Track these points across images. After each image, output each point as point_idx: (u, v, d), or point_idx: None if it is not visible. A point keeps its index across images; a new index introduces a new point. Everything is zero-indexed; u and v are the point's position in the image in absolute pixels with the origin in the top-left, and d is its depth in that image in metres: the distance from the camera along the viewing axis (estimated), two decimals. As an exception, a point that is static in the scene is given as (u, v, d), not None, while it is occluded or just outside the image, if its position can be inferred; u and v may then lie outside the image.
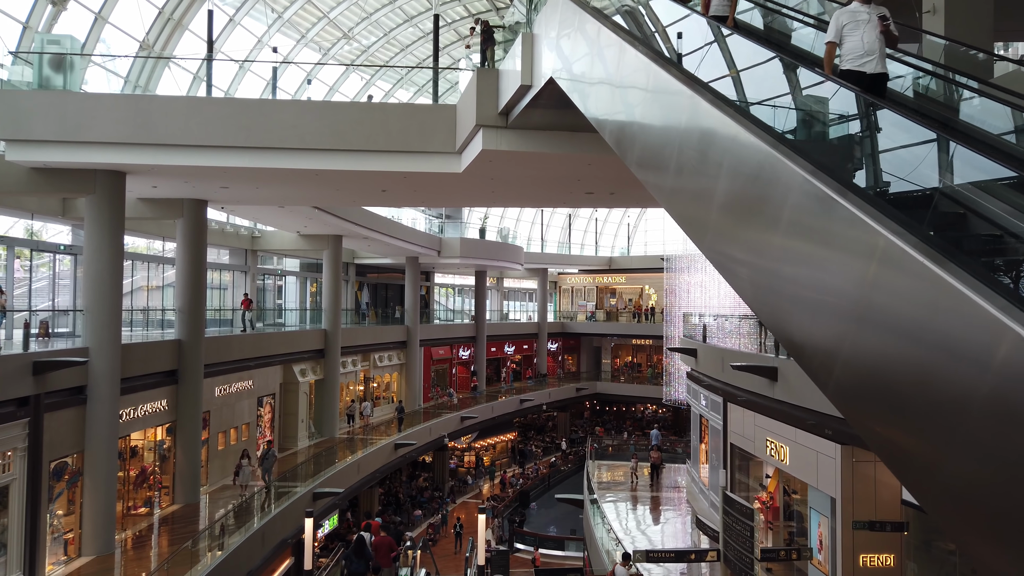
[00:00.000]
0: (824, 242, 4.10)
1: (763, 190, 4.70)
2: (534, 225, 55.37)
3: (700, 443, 22.47)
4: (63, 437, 15.68)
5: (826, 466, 13.37)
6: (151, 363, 19.42)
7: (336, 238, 30.90)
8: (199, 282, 21.09)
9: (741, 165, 4.98)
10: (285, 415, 28.50)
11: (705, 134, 5.50)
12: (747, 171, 4.91)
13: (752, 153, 4.76)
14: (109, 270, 16.79)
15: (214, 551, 16.53)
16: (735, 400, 18.25)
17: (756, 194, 4.85)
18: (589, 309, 56.56)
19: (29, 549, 14.44)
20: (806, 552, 10.05)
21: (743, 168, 4.96)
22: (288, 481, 22.66)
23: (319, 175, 16.97)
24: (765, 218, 4.76)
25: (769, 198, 4.64)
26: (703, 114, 5.46)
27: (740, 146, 4.92)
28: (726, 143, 5.14)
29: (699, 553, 10.16)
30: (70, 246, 21.50)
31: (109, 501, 16.64)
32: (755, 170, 4.78)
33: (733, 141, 5.01)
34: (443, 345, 43.96)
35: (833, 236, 3.97)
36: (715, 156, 5.38)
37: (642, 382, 52.37)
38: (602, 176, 16.84)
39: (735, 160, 5.05)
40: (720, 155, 5.28)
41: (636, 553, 9.96)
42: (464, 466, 42.92)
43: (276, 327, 32.39)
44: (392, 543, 16.19)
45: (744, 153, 4.89)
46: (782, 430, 15.31)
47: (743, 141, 4.86)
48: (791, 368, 14.91)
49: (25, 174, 16.29)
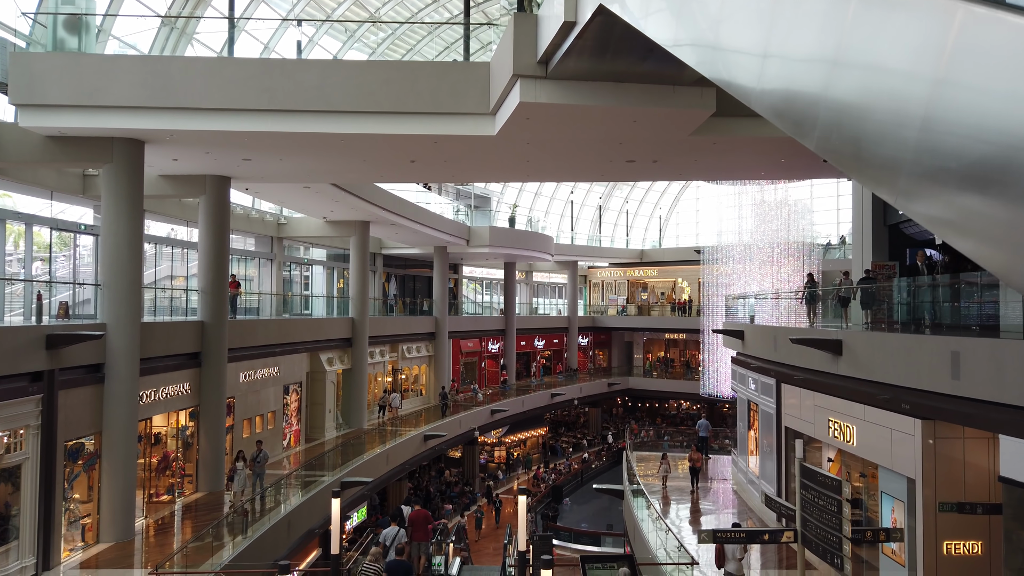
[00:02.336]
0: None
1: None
2: (564, 218, 54.25)
3: (748, 431, 21.20)
4: (79, 417, 14.92)
5: (903, 444, 12.10)
6: (173, 344, 18.66)
7: (363, 224, 30.08)
8: (222, 262, 20.31)
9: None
10: (312, 405, 27.71)
11: None
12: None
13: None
14: (127, 243, 16.02)
15: (236, 539, 15.66)
16: (790, 380, 16.99)
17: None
18: (620, 303, 55.27)
19: (43, 533, 13.66)
20: (896, 533, 8.88)
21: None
22: (315, 470, 21.82)
23: (345, 142, 16.06)
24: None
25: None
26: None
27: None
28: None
29: (773, 533, 9.04)
30: (91, 226, 20.85)
31: (128, 485, 15.85)
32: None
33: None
34: (472, 338, 43.01)
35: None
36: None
37: (676, 377, 51.01)
38: (645, 138, 15.73)
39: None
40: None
41: (702, 532, 8.84)
42: (494, 461, 41.89)
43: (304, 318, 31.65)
44: (429, 516, 15.70)
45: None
46: (848, 408, 14.06)
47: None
48: (858, 340, 13.68)
49: (40, 143, 15.59)
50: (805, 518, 8.66)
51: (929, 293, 12.43)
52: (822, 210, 49.47)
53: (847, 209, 47.48)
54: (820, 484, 8.36)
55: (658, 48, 11.97)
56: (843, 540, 7.92)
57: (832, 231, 49.07)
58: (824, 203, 49.78)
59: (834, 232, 48.78)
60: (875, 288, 14.58)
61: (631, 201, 58.70)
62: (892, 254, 20.18)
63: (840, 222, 49.36)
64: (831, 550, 8.13)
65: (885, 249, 20.46)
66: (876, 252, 20.35)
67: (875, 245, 20.53)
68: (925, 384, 11.30)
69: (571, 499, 37.45)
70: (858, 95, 4.86)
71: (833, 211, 50.19)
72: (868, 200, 20.70)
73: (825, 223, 49.40)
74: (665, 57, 12.34)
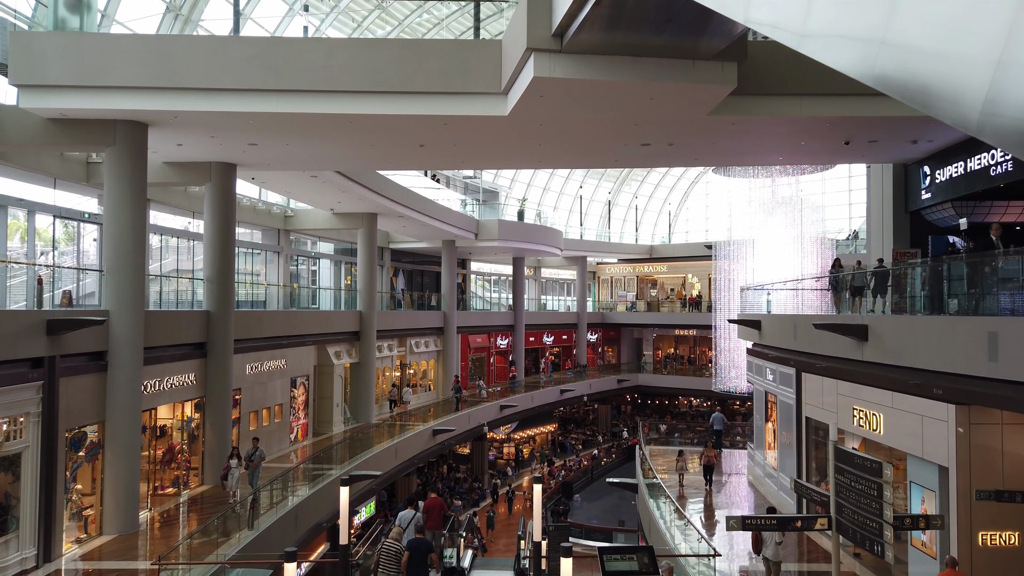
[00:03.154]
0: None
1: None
2: (572, 213, 53.77)
3: (766, 423, 20.69)
4: (81, 405, 14.54)
5: (935, 431, 11.61)
6: (177, 333, 18.28)
7: (371, 216, 29.68)
8: (228, 251, 19.92)
9: None
10: (320, 398, 27.31)
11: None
12: None
13: None
14: (131, 229, 15.64)
15: (242, 531, 15.26)
16: (811, 369, 16.50)
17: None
18: (629, 299, 54.72)
19: (44, 524, 13.29)
20: (936, 520, 8.39)
21: None
22: (323, 463, 21.42)
23: (352, 123, 15.64)
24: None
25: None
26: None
27: None
28: None
29: (806, 519, 8.56)
30: (96, 215, 20.49)
31: (132, 477, 15.47)
32: None
33: None
34: (480, 333, 42.59)
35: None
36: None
37: (686, 373, 50.46)
38: (662, 118, 15.26)
39: None
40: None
41: (731, 520, 8.37)
42: (503, 457, 41.45)
43: (311, 310, 31.27)
44: (443, 504, 15.61)
45: None
46: (874, 396, 13.57)
47: None
48: (886, 324, 13.19)
49: (41, 126, 15.21)
50: (840, 504, 8.19)
51: (974, 272, 11.84)
52: (834, 204, 48.92)
53: (859, 204, 47.04)
54: (858, 467, 7.88)
55: (676, 19, 11.56)
56: (884, 526, 7.43)
57: (844, 225, 48.50)
58: (836, 198, 49.22)
59: (846, 227, 48.22)
60: (913, 267, 14.02)
61: (640, 197, 58.18)
62: (914, 241, 19.66)
63: (852, 217, 48.78)
64: (870, 536, 7.65)
65: (907, 236, 19.94)
66: (897, 239, 19.83)
67: (896, 232, 20.00)
68: (960, 367, 10.82)
69: (581, 496, 36.98)
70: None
71: (845, 206, 49.60)
72: (889, 186, 20.19)
73: (837, 218, 48.83)
74: (683, 30, 11.91)
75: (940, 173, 18.15)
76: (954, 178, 17.57)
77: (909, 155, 18.79)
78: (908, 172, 19.72)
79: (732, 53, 12.73)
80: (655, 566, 11.90)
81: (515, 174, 47.94)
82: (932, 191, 18.58)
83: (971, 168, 16.84)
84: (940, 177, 18.15)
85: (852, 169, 47.09)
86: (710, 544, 13.48)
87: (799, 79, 14.69)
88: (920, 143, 17.40)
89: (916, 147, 17.85)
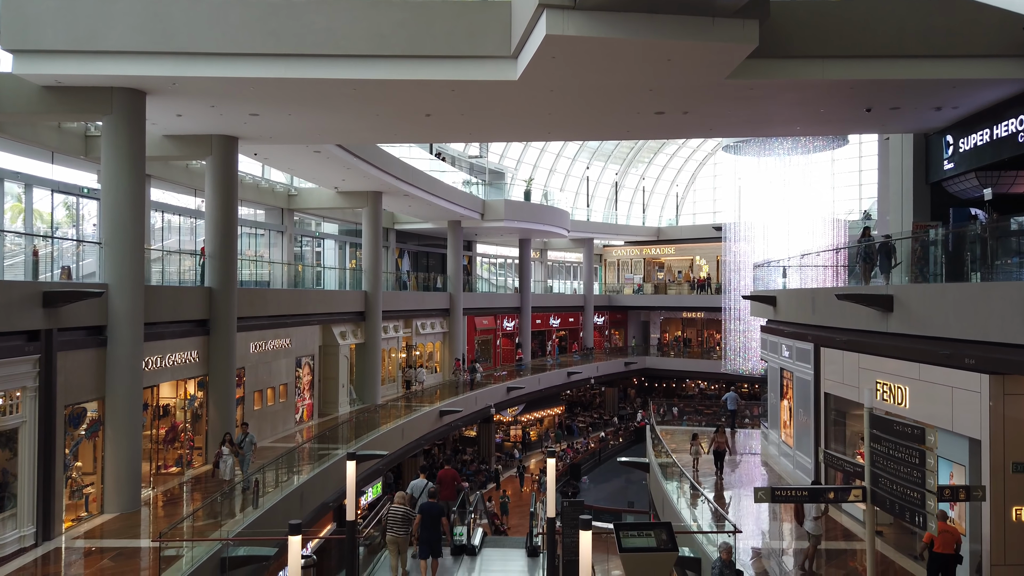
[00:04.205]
0: None
1: None
2: (579, 195, 53.18)
3: (780, 400, 20.23)
4: (80, 380, 14.14)
5: (966, 403, 11.14)
6: (179, 310, 17.87)
7: (375, 195, 29.17)
8: (230, 227, 19.46)
9: None
10: (325, 379, 26.95)
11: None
12: None
13: None
14: (129, 201, 15.17)
15: (246, 510, 14.90)
16: (831, 344, 16.03)
17: None
18: (636, 282, 54.20)
19: (43, 502, 12.93)
20: (977, 492, 7.94)
21: None
22: (328, 443, 21.07)
23: (357, 90, 15.12)
24: None
25: None
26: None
27: None
28: None
29: (840, 491, 8.12)
30: (95, 190, 20.04)
31: (133, 454, 15.10)
32: None
33: None
34: (487, 315, 42.16)
35: None
36: None
37: (694, 356, 50.00)
38: (678, 83, 14.70)
39: None
40: None
41: (759, 491, 7.93)
42: (510, 440, 41.13)
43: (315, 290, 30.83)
44: (457, 475, 15.97)
45: None
46: (899, 368, 13.09)
47: None
48: (913, 293, 12.70)
49: (36, 94, 14.74)
50: (876, 474, 7.73)
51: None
52: (843, 185, 48.29)
53: (869, 184, 46.36)
54: (897, 435, 7.42)
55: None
56: (926, 495, 6.98)
57: (854, 206, 47.88)
58: (846, 178, 48.59)
59: (856, 207, 47.59)
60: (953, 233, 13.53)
61: (647, 178, 57.53)
62: (934, 215, 19.10)
63: (862, 198, 48.14)
64: (910, 507, 7.19)
65: (927, 209, 19.37)
66: (917, 212, 19.27)
67: (916, 205, 19.44)
68: (993, 335, 10.35)
69: (589, 478, 36.66)
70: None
71: (855, 186, 48.96)
72: (909, 158, 19.61)
73: (847, 199, 48.22)
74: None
75: (964, 142, 17.56)
76: (979, 146, 16.98)
77: (931, 123, 18.20)
78: (929, 142, 19.13)
79: (754, 10, 12.16)
80: (673, 542, 11.48)
81: (521, 155, 47.35)
82: (955, 161, 18.00)
83: (997, 135, 16.25)
84: (964, 146, 17.56)
85: (863, 148, 46.45)
86: (730, 521, 13.07)
87: (821, 40, 14.15)
88: (944, 110, 16.81)
89: (939, 115, 17.26)
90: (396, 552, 12.24)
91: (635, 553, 11.20)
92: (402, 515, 12.15)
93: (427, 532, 12.14)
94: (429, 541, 12.15)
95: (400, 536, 12.10)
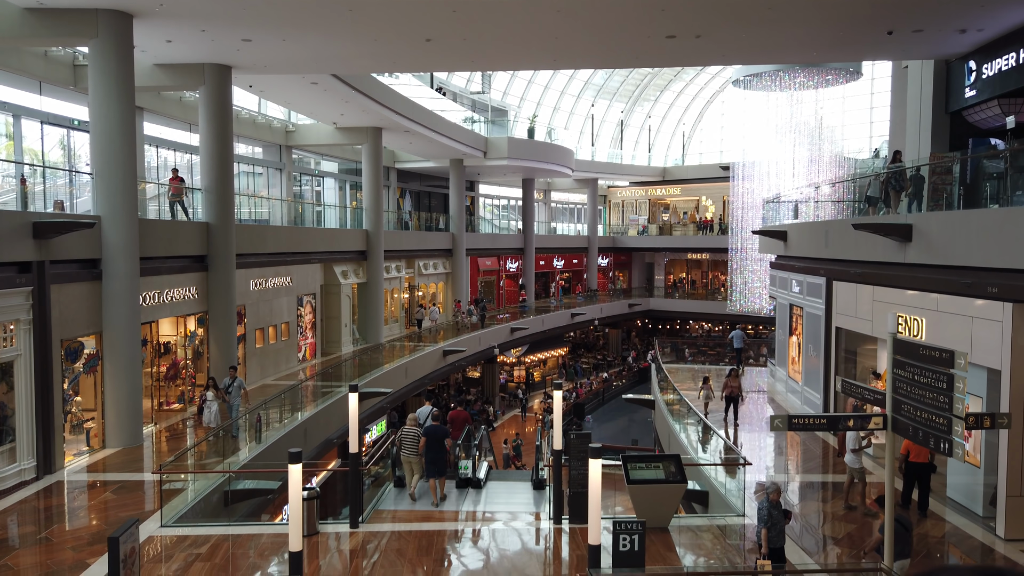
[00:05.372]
0: None
1: None
2: (583, 135, 52.10)
3: (789, 337, 19.94)
4: (76, 314, 13.84)
5: (987, 333, 10.79)
6: (176, 244, 17.48)
7: (375, 131, 28.43)
8: (226, 160, 18.90)
9: None
10: (327, 319, 26.72)
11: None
12: None
13: None
14: (119, 129, 14.61)
15: (250, 444, 14.79)
16: (844, 277, 15.63)
17: None
18: (641, 223, 53.57)
19: (42, 436, 12.76)
20: (1003, 419, 7.65)
21: None
22: (332, 380, 20.93)
23: (353, 11, 14.36)
24: None
25: None
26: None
27: None
28: None
29: (860, 418, 7.84)
30: (85, 122, 19.41)
31: (134, 389, 14.90)
32: None
33: None
34: (490, 256, 41.75)
35: None
36: None
37: (698, 297, 49.75)
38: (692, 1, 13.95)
39: None
40: None
41: (775, 419, 7.64)
42: (514, 381, 41.20)
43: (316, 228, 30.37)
44: (468, 417, 16.42)
45: None
46: (916, 300, 12.72)
47: None
48: (933, 221, 12.22)
49: (18, 16, 14.03)
50: (898, 401, 7.42)
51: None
52: (854, 123, 47.26)
53: (880, 122, 45.31)
54: (923, 359, 7.07)
55: None
56: (954, 421, 6.67)
57: (864, 145, 46.94)
58: (856, 116, 47.51)
59: (866, 146, 46.64)
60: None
61: (653, 117, 56.30)
62: (952, 146, 18.46)
63: (873, 136, 47.13)
64: (935, 433, 6.90)
65: (945, 140, 18.71)
66: (936, 143, 18.61)
67: (935, 136, 18.76)
68: (1020, 262, 9.92)
69: (593, 417, 36.79)
70: None
71: (866, 124, 47.91)
72: (928, 85, 18.85)
73: (857, 136, 47.24)
74: None
75: (987, 67, 16.82)
76: (1003, 72, 16.25)
77: (954, 48, 17.41)
78: (950, 69, 18.36)
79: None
80: (682, 474, 11.32)
81: (524, 92, 46.20)
82: (977, 88, 17.28)
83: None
84: (987, 72, 16.82)
85: (875, 85, 45.25)
86: (739, 453, 12.89)
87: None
88: (968, 32, 16.03)
89: (963, 38, 16.48)
90: (410, 472, 12.97)
91: (643, 485, 11.07)
92: (412, 436, 12.88)
93: (432, 453, 12.71)
94: (434, 461, 12.71)
95: (412, 457, 12.80)
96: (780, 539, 9.08)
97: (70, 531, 10.60)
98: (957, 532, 10.90)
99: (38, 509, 11.53)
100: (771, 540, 8.95)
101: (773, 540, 8.97)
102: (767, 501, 9.05)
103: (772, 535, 8.95)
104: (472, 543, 10.95)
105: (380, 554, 10.21)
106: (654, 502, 10.90)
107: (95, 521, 11.00)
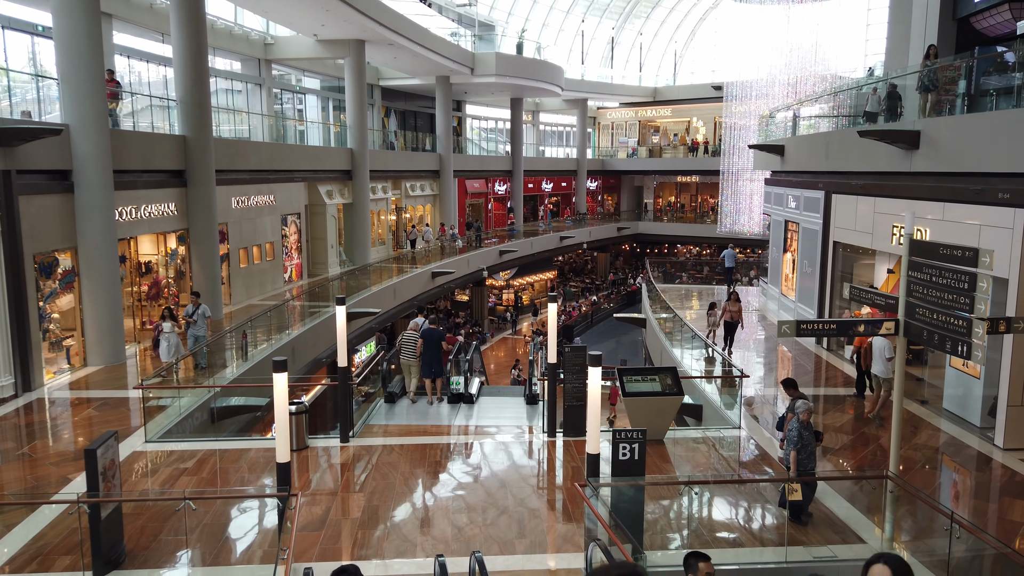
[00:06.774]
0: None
1: None
2: (572, 52, 50.48)
3: (783, 254, 19.66)
4: (48, 228, 13.26)
5: (995, 241, 10.46)
6: (152, 158, 16.74)
7: (358, 44, 27.20)
8: (201, 68, 17.96)
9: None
10: (313, 239, 26.16)
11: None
12: None
13: None
14: (84, 31, 13.70)
15: (236, 362, 14.49)
16: (845, 189, 15.23)
17: None
18: (631, 146, 52.60)
19: (19, 352, 12.36)
20: (1018, 323, 7.37)
21: None
22: (319, 300, 20.55)
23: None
24: None
25: None
26: None
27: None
28: None
29: (871, 323, 7.57)
30: (50, 28, 18.30)
31: (113, 305, 14.47)
32: None
33: None
34: (478, 178, 40.93)
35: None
36: None
37: (687, 221, 49.36)
38: None
39: None
40: None
41: (783, 324, 7.33)
42: (503, 304, 41.05)
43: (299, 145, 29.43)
44: (452, 339, 16.47)
45: None
46: (920, 209, 12.34)
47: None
48: (942, 127, 11.75)
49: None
50: (912, 304, 7.12)
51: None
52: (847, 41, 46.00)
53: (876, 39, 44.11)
54: (944, 258, 6.74)
55: None
56: (974, 323, 6.37)
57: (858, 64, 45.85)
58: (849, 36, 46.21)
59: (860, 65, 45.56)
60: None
61: (644, 35, 54.58)
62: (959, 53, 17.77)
63: (868, 54, 45.99)
64: (952, 336, 6.61)
65: (951, 49, 17.98)
66: (941, 50, 17.89)
67: (940, 45, 18.02)
68: (1034, 166, 9.52)
69: (581, 339, 36.84)
70: None
71: (861, 41, 46.70)
72: (936, -11, 18.00)
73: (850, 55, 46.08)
74: None
75: (1001, -31, 16.02)
76: (1018, -27, 15.49)
77: (967, -51, 16.55)
78: (961, -27, 17.52)
79: None
80: (679, 386, 11.14)
81: (512, 6, 44.45)
82: (988, -8, 16.51)
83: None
84: (1000, -26, 16.03)
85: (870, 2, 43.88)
86: (736, 366, 12.73)
87: None
88: (985, -70, 15.17)
89: (978, -63, 15.62)
90: (409, 374, 13.53)
91: (639, 397, 10.89)
92: (411, 340, 13.39)
93: (428, 354, 13.22)
94: (430, 362, 13.26)
95: (411, 359, 13.33)
96: (811, 461, 8.34)
97: (52, 447, 10.32)
98: (954, 442, 10.84)
99: (18, 426, 11.23)
100: (801, 463, 8.22)
101: (803, 463, 8.24)
102: (797, 422, 8.25)
103: (802, 457, 8.22)
104: (465, 456, 10.79)
105: (372, 467, 10.03)
106: (651, 414, 10.74)
107: (79, 438, 10.72)
